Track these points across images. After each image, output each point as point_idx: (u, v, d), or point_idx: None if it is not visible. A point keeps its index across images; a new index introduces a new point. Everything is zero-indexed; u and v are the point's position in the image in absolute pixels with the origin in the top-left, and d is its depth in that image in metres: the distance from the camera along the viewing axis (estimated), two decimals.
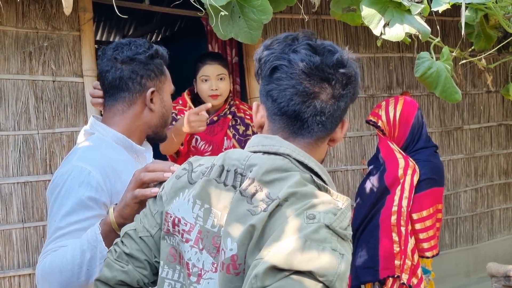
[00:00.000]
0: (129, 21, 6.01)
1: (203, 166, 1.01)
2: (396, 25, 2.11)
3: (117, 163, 1.38)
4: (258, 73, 1.01)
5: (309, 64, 0.93)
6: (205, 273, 0.93)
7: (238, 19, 2.06)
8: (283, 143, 0.94)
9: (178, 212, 0.98)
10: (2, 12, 2.38)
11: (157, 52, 1.45)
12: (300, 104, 0.94)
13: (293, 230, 0.81)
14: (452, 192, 3.94)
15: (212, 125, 2.54)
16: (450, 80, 2.34)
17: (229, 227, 0.88)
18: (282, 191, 0.87)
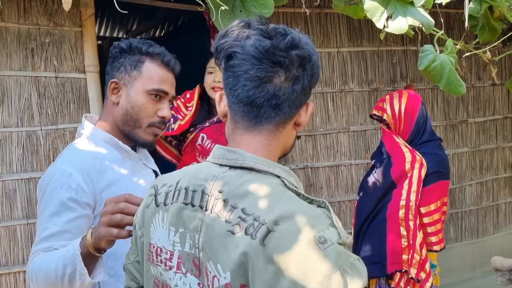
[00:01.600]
0: (133, 16, 6.01)
1: (165, 186, 1.01)
2: (399, 18, 2.08)
3: (101, 162, 1.40)
4: (217, 63, 0.99)
5: (259, 48, 0.90)
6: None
7: (239, 13, 2.04)
8: (246, 156, 0.92)
9: (159, 242, 0.99)
10: (4, 8, 2.38)
11: (137, 49, 1.45)
12: (253, 89, 0.92)
13: (322, 264, 0.78)
14: (457, 185, 3.92)
15: (219, 124, 2.48)
16: (454, 73, 2.32)
17: (211, 251, 0.88)
18: (271, 213, 0.83)
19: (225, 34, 0.96)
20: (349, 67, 3.42)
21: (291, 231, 0.81)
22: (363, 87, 3.45)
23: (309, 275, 0.78)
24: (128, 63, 1.45)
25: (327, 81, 3.35)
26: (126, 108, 1.44)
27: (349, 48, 3.42)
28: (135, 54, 1.45)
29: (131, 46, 1.45)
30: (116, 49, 1.47)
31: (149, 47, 1.46)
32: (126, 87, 1.44)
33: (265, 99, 0.92)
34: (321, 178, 3.30)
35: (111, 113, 1.46)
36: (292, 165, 3.23)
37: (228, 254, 0.85)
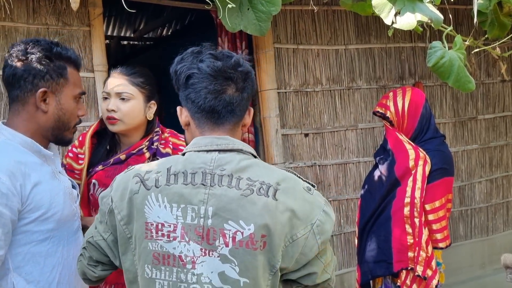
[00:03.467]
0: (140, 15, 6.03)
1: (152, 173, 1.23)
2: (407, 14, 2.07)
3: (25, 166, 1.38)
4: (175, 83, 1.27)
5: (214, 68, 1.21)
6: (197, 259, 1.16)
7: (246, 11, 2.05)
8: (234, 141, 1.23)
9: (159, 218, 1.19)
10: (13, 9, 2.40)
11: (58, 56, 1.43)
12: (213, 100, 1.22)
13: (317, 203, 1.22)
14: (467, 183, 3.90)
15: (119, 166, 1.88)
16: (463, 69, 2.30)
17: (230, 213, 1.15)
18: (271, 177, 1.19)
19: (181, 60, 1.25)
20: (357, 64, 3.41)
21: (290, 187, 1.20)
22: (371, 85, 3.44)
23: (314, 210, 1.20)
24: (53, 71, 1.43)
25: (335, 79, 3.34)
26: (59, 115, 1.47)
27: (357, 45, 3.41)
28: (57, 60, 1.43)
29: (52, 52, 1.43)
30: (35, 56, 1.41)
31: (67, 52, 1.47)
32: (55, 95, 1.45)
33: (223, 106, 1.22)
34: (329, 175, 3.29)
35: (35, 120, 1.44)
36: (300, 162, 3.23)
37: (248, 211, 1.14)
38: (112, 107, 1.86)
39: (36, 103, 1.42)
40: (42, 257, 1.41)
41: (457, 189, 3.86)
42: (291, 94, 3.21)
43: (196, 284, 1.17)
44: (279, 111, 3.12)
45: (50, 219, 1.41)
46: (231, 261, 1.15)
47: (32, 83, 1.41)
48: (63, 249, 1.47)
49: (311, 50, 3.26)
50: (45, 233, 1.41)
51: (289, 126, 3.20)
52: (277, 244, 1.15)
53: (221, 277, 1.15)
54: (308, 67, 3.26)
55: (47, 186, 1.42)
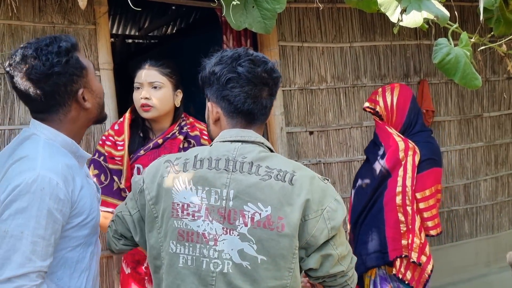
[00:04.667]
0: (145, 14, 6.04)
1: (181, 159, 1.36)
2: (413, 11, 2.07)
3: (72, 170, 1.36)
4: (209, 81, 1.38)
5: (254, 74, 1.33)
6: (219, 237, 1.28)
7: (251, 9, 2.05)
8: (257, 135, 1.37)
9: (184, 199, 1.32)
10: (19, 7, 2.41)
11: (68, 51, 1.35)
12: (252, 104, 1.35)
13: (329, 192, 1.32)
14: (472, 181, 3.88)
15: (157, 150, 2.13)
16: (470, 66, 2.29)
17: (249, 195, 1.27)
18: (288, 166, 1.31)
19: (220, 62, 1.36)
20: (361, 62, 3.40)
21: (306, 175, 1.31)
22: (376, 82, 3.43)
23: (327, 197, 1.30)
24: (75, 69, 1.37)
25: (340, 76, 3.34)
26: (97, 102, 1.46)
27: (362, 43, 3.40)
28: (70, 57, 1.36)
29: (64, 53, 1.34)
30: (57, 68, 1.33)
31: (69, 42, 1.38)
32: (87, 88, 1.41)
33: (259, 109, 1.37)
34: (334, 173, 3.29)
35: (80, 119, 1.42)
36: (305, 160, 3.23)
37: (266, 194, 1.27)
38: (146, 95, 2.09)
39: (79, 105, 1.39)
40: (74, 262, 1.39)
41: (462, 187, 3.85)
42: (296, 92, 3.21)
43: (217, 259, 1.28)
44: (284, 109, 3.12)
45: (88, 225, 1.40)
46: (250, 240, 1.26)
47: (67, 92, 1.36)
48: (90, 254, 1.45)
49: (316, 48, 3.26)
50: (81, 239, 1.39)
51: (294, 124, 3.21)
52: (295, 225, 1.26)
53: (240, 254, 1.27)
54: (313, 65, 3.26)
55: (87, 191, 1.41)
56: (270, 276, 1.26)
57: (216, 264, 1.28)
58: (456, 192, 3.83)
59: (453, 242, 3.84)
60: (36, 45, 1.34)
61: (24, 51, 1.33)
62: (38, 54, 1.32)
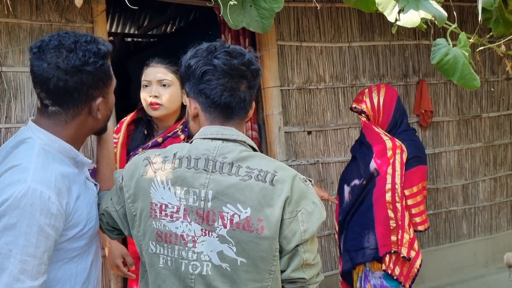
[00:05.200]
0: (144, 12, 6.02)
1: (160, 157, 1.31)
2: (411, 11, 2.06)
3: (68, 180, 1.27)
4: (185, 75, 1.33)
5: (230, 65, 1.27)
6: (197, 238, 1.25)
7: (249, 8, 2.03)
8: (238, 133, 1.31)
9: (163, 200, 1.27)
10: (16, 5, 2.40)
11: (105, 56, 1.30)
12: (229, 97, 1.29)
13: (308, 194, 1.27)
14: (470, 181, 3.88)
15: (157, 148, 2.03)
16: (468, 66, 2.28)
17: (228, 196, 1.23)
18: (269, 166, 1.26)
19: (195, 55, 1.30)
20: (360, 62, 3.40)
21: (287, 175, 1.26)
22: (375, 82, 3.43)
23: (304, 199, 1.25)
24: (104, 75, 1.31)
25: (338, 76, 3.33)
26: (107, 114, 1.39)
27: (361, 42, 3.39)
28: (104, 62, 1.29)
29: (101, 56, 1.28)
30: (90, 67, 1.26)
31: (107, 47, 1.31)
32: (105, 99, 1.34)
33: (237, 103, 1.30)
34: (332, 173, 3.29)
35: (84, 126, 1.35)
36: (303, 160, 3.22)
37: (245, 195, 1.22)
38: (155, 93, 2.05)
39: (90, 111, 1.32)
40: (73, 274, 1.32)
41: (460, 187, 3.85)
42: (294, 91, 3.20)
43: (196, 261, 1.25)
44: (282, 108, 3.11)
45: (85, 235, 1.33)
46: (229, 242, 1.23)
47: (87, 94, 1.29)
48: (90, 263, 1.38)
49: (314, 48, 3.25)
50: (77, 250, 1.32)
51: (292, 123, 3.20)
52: (275, 227, 1.22)
53: (220, 255, 1.24)
54: (312, 64, 3.25)
55: (85, 200, 1.33)
56: (250, 279, 1.23)
57: (195, 266, 1.25)
58: (455, 193, 3.83)
59: (451, 242, 3.84)
60: (75, 38, 1.27)
61: (62, 39, 1.26)
62: (76, 47, 1.25)
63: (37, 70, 1.25)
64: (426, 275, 3.68)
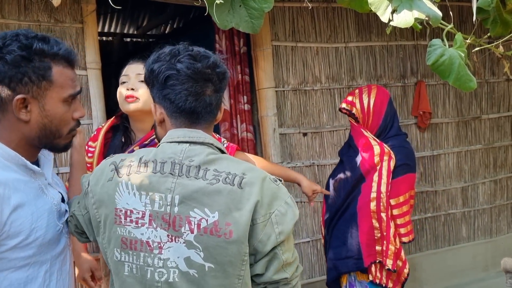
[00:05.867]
0: (143, 12, 5.99)
1: (126, 161, 1.28)
2: (404, 11, 2.01)
3: (4, 187, 1.20)
4: (149, 80, 1.29)
5: (194, 70, 1.23)
6: (164, 244, 1.21)
7: (238, 8, 1.99)
8: (206, 135, 1.28)
9: (128, 205, 1.23)
10: (4, 5, 2.37)
11: (41, 53, 1.21)
12: (194, 102, 1.25)
13: (280, 194, 1.24)
14: (470, 183, 3.82)
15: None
16: (464, 67, 2.23)
17: (195, 201, 1.19)
18: (238, 168, 1.23)
19: (158, 59, 1.26)
20: (357, 63, 3.35)
21: (256, 176, 1.22)
22: (372, 83, 3.37)
23: (276, 200, 1.23)
24: (33, 73, 1.22)
25: (335, 77, 3.28)
26: (44, 123, 1.27)
27: (357, 43, 3.34)
28: (37, 60, 1.22)
29: (32, 50, 1.21)
30: (10, 56, 1.19)
31: (53, 48, 1.24)
32: (37, 100, 1.24)
33: (203, 107, 1.27)
34: (327, 175, 3.22)
35: (17, 129, 1.27)
36: (299, 162, 3.17)
37: (213, 199, 1.18)
38: (132, 86, 2.00)
39: (12, 111, 1.23)
40: (21, 284, 1.26)
41: (460, 190, 3.79)
42: (290, 92, 3.16)
43: (162, 268, 1.22)
44: (277, 110, 3.07)
45: (31, 245, 1.26)
46: (196, 247, 1.19)
47: (9, 87, 1.21)
48: (45, 274, 1.31)
49: (310, 48, 3.20)
50: (25, 259, 1.25)
51: (287, 125, 3.15)
52: (243, 231, 1.18)
53: (187, 261, 1.20)
54: (307, 65, 3.20)
55: (29, 209, 1.26)
56: (218, 284, 1.20)
57: (161, 274, 1.21)
58: (454, 195, 3.78)
59: (450, 246, 3.78)
60: (21, 32, 1.22)
61: (8, 32, 1.23)
62: (7, 37, 1.20)
63: None
64: (424, 279, 3.63)
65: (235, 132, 3.12)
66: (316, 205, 3.22)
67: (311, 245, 3.24)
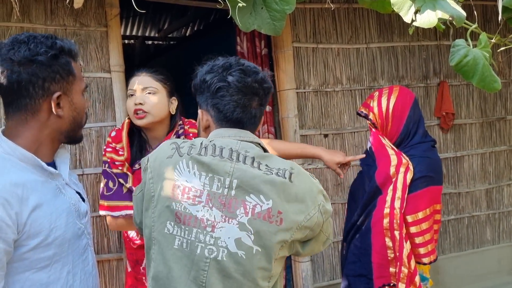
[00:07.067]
0: (164, 15, 6.06)
1: (187, 143, 1.38)
2: (427, 11, 2.00)
3: (22, 188, 1.23)
4: (200, 89, 1.41)
5: (244, 83, 1.36)
6: (217, 224, 1.29)
7: (260, 10, 2.01)
8: (254, 136, 1.42)
9: (187, 183, 1.32)
10: (31, 10, 2.43)
11: (62, 50, 1.30)
12: (241, 113, 1.38)
13: (319, 188, 1.40)
14: (495, 185, 3.75)
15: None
16: (489, 68, 2.20)
17: (252, 187, 1.29)
18: (285, 165, 1.35)
19: (211, 70, 1.39)
20: (378, 63, 3.32)
21: (301, 172, 1.37)
22: (394, 84, 3.35)
23: (318, 195, 1.37)
24: (62, 70, 1.30)
25: (356, 78, 3.27)
26: (73, 116, 1.36)
27: (379, 43, 3.32)
28: (62, 57, 1.30)
29: (57, 48, 1.29)
30: (42, 57, 1.26)
31: (67, 44, 1.33)
32: (67, 95, 1.33)
33: (248, 118, 1.40)
34: (349, 177, 3.21)
35: (48, 126, 1.32)
36: (319, 164, 3.17)
37: (268, 188, 1.29)
38: (140, 100, 2.05)
39: (50, 109, 1.30)
40: (43, 285, 1.29)
41: (484, 192, 3.73)
42: (310, 94, 3.15)
43: (212, 246, 1.28)
44: (297, 111, 3.06)
45: (51, 245, 1.29)
46: (248, 230, 1.28)
47: (43, 88, 1.27)
48: (68, 274, 1.34)
49: (331, 49, 3.19)
50: (46, 260, 1.28)
51: (308, 126, 3.15)
52: (292, 221, 1.30)
53: (237, 242, 1.28)
54: (328, 66, 3.19)
55: (48, 209, 1.29)
56: (261, 267, 1.29)
57: (211, 251, 1.28)
58: (478, 197, 3.71)
59: (474, 249, 3.72)
60: (32, 34, 1.30)
61: (18, 36, 1.29)
62: (29, 40, 1.27)
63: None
64: (447, 282, 3.58)
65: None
66: (337, 207, 3.21)
67: (333, 247, 3.23)
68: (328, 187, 3.20)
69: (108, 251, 2.53)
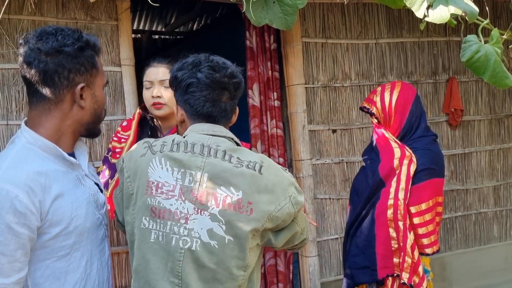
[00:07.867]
0: (171, 9, 6.06)
1: (159, 141, 1.44)
2: (440, 6, 1.99)
3: (45, 177, 1.26)
4: (173, 85, 1.49)
5: (212, 79, 1.42)
6: (190, 216, 1.36)
7: (272, 5, 2.00)
8: (227, 131, 1.48)
9: (160, 178, 1.38)
10: (43, 3, 2.44)
11: (87, 43, 1.34)
12: (211, 107, 1.45)
13: (291, 180, 1.45)
14: (503, 182, 3.75)
15: None
16: (500, 64, 2.19)
17: (222, 179, 1.36)
18: (256, 158, 1.41)
19: (182, 68, 1.46)
20: (387, 59, 3.32)
21: (272, 165, 1.43)
22: (403, 80, 3.34)
23: (289, 187, 1.42)
24: (87, 62, 1.34)
25: (365, 74, 3.26)
26: (94, 108, 1.39)
27: (388, 39, 3.31)
28: (87, 50, 1.34)
29: (83, 41, 1.33)
30: (69, 48, 1.30)
31: (91, 38, 1.37)
32: (89, 88, 1.36)
33: (218, 112, 1.46)
34: (356, 173, 3.22)
35: (70, 117, 1.35)
36: (328, 159, 3.17)
37: (238, 180, 1.36)
38: (158, 93, 2.11)
39: (73, 98, 1.33)
40: (63, 273, 1.31)
41: (491, 188, 3.72)
42: (319, 89, 3.15)
43: (186, 236, 1.35)
44: (306, 106, 3.07)
45: (72, 234, 1.32)
46: (220, 220, 1.34)
47: (68, 79, 1.30)
48: (86, 264, 1.37)
49: (340, 45, 3.19)
50: (66, 249, 1.31)
51: (316, 121, 3.15)
52: (262, 211, 1.36)
53: (209, 233, 1.35)
54: (337, 61, 3.19)
55: (69, 198, 1.32)
56: (234, 256, 1.35)
57: (185, 241, 1.35)
58: (485, 194, 3.71)
59: (481, 245, 3.72)
60: (59, 27, 1.34)
61: (46, 28, 1.33)
62: (56, 32, 1.30)
63: (22, 58, 1.30)
64: (454, 278, 3.58)
65: (265, 129, 3.13)
66: (345, 202, 3.21)
67: (339, 242, 3.23)
68: (336, 182, 3.21)
69: (118, 243, 2.55)
